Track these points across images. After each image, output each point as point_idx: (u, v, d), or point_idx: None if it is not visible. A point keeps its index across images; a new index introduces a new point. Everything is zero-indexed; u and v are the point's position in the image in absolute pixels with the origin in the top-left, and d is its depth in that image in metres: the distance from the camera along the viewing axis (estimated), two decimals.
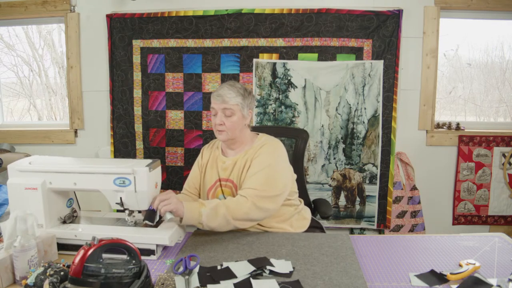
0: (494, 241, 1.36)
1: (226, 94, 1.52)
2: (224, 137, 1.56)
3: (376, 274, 1.16)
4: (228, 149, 1.64)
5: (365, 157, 2.58)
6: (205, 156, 1.69)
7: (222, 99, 1.52)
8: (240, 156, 1.58)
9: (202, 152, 1.72)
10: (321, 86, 2.56)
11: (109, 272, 0.94)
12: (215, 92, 1.55)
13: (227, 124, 1.53)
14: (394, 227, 2.66)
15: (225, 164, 1.60)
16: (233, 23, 2.54)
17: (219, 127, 1.54)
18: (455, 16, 2.64)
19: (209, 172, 1.64)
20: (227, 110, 1.52)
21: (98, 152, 2.78)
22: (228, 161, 1.60)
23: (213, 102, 1.55)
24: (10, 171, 1.32)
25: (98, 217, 1.46)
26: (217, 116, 1.54)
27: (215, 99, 1.54)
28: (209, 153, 1.68)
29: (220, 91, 1.53)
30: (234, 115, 1.53)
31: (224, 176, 1.59)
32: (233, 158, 1.60)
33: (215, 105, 1.54)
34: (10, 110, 3.16)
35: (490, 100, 2.88)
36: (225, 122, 1.52)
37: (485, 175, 2.65)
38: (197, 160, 1.72)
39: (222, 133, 1.55)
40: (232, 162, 1.58)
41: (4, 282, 1.07)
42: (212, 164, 1.65)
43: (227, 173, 1.58)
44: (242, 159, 1.57)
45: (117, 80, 2.68)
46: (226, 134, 1.54)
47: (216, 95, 1.53)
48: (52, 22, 2.89)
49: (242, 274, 1.12)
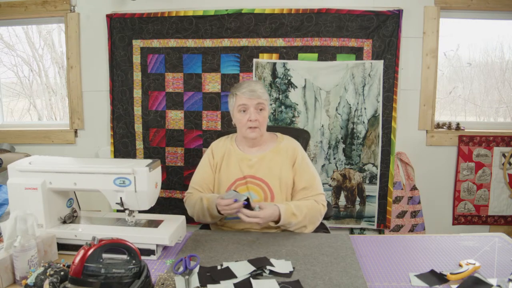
0: (494, 241, 1.36)
1: (258, 89, 1.52)
2: (257, 134, 1.54)
3: (376, 274, 1.16)
4: (249, 147, 1.62)
5: (365, 157, 2.58)
6: (217, 155, 1.65)
7: (256, 94, 1.51)
8: (267, 153, 1.58)
9: (212, 151, 1.68)
10: (321, 86, 2.56)
11: (109, 272, 0.94)
12: (243, 88, 1.53)
13: (260, 119, 1.52)
14: (394, 227, 2.66)
15: (252, 161, 1.58)
16: (233, 23, 2.54)
17: (253, 123, 1.52)
18: (455, 16, 2.64)
19: (227, 169, 1.61)
20: (260, 105, 1.52)
21: (98, 152, 2.78)
22: (254, 158, 1.58)
23: (244, 98, 1.52)
24: (10, 171, 1.32)
25: (98, 217, 1.46)
26: (249, 112, 1.52)
27: (247, 95, 1.51)
28: (222, 151, 1.65)
29: (251, 86, 1.52)
30: (265, 110, 1.55)
31: (250, 173, 1.57)
32: (259, 155, 1.59)
33: (248, 101, 1.51)
34: (10, 110, 3.16)
35: (490, 100, 2.88)
36: (258, 118, 1.52)
37: (485, 175, 2.65)
38: (207, 159, 1.67)
39: (255, 129, 1.53)
40: (259, 159, 1.58)
41: (4, 282, 1.07)
42: (230, 161, 1.61)
43: (253, 170, 1.57)
44: (269, 155, 1.58)
45: (117, 80, 2.68)
46: (259, 131, 1.54)
47: (248, 91, 1.51)
48: (52, 22, 2.89)
49: (242, 274, 1.12)
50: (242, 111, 1.54)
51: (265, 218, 1.39)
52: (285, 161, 1.58)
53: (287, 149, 1.60)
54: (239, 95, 1.53)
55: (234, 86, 1.61)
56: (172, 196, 2.74)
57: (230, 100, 1.61)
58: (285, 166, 1.57)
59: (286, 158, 1.58)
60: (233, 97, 1.58)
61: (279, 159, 1.57)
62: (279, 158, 1.58)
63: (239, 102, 1.53)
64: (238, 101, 1.54)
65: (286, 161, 1.58)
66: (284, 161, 1.58)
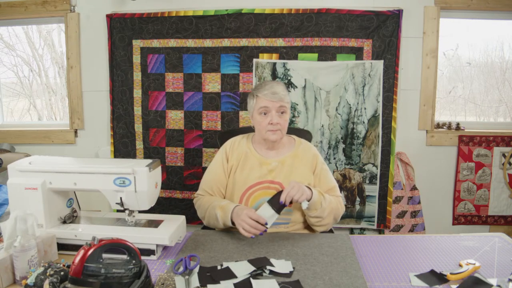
0: (494, 241, 1.36)
1: (280, 91, 1.47)
2: (278, 136, 1.50)
3: (376, 274, 1.16)
4: (267, 150, 1.58)
5: (365, 157, 2.58)
6: (233, 157, 1.59)
7: (278, 97, 1.46)
8: (286, 157, 1.56)
9: (226, 152, 1.61)
10: (321, 86, 2.56)
11: (109, 272, 0.94)
12: (265, 90, 1.48)
13: (281, 122, 1.48)
14: (394, 227, 2.66)
15: (271, 166, 1.54)
16: (233, 23, 2.54)
17: (274, 126, 1.48)
18: (455, 16, 2.64)
19: (244, 172, 1.55)
20: (281, 108, 1.48)
21: (98, 152, 2.78)
22: (273, 162, 1.54)
23: (266, 100, 1.47)
24: (10, 171, 1.32)
25: (98, 217, 1.46)
26: (270, 115, 1.48)
27: (269, 97, 1.46)
28: (239, 153, 1.59)
29: (273, 88, 1.47)
30: (286, 112, 1.50)
31: (270, 178, 1.52)
32: (279, 159, 1.55)
33: (270, 104, 1.47)
34: (10, 110, 3.16)
35: (490, 100, 2.88)
36: (280, 122, 1.48)
37: (485, 175, 2.65)
38: (220, 161, 1.60)
39: (276, 132, 1.49)
40: (279, 164, 1.54)
41: (4, 282, 1.07)
42: (248, 164, 1.55)
43: (273, 175, 1.53)
44: (289, 160, 1.55)
45: (117, 80, 2.68)
46: (280, 133, 1.50)
47: (270, 93, 1.46)
48: (52, 22, 2.89)
49: (242, 274, 1.12)
50: (263, 114, 1.49)
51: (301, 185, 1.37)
52: (305, 167, 1.56)
53: (306, 154, 1.58)
54: (261, 97, 1.48)
55: (255, 87, 1.55)
56: (172, 196, 2.74)
57: (250, 101, 1.55)
58: (305, 172, 1.55)
59: (307, 163, 1.57)
60: (253, 98, 1.53)
61: (298, 164, 1.55)
62: (299, 163, 1.56)
63: (261, 105, 1.48)
64: (259, 103, 1.49)
65: (307, 167, 1.56)
66: (304, 167, 1.56)
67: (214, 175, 1.60)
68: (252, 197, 1.52)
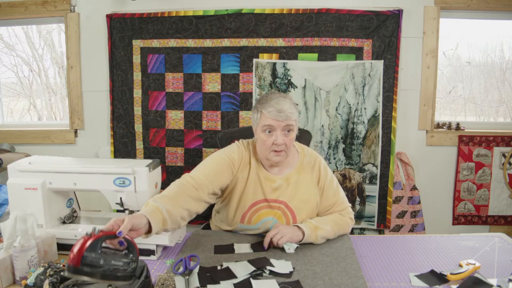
0: (494, 241, 1.36)
1: (288, 109, 1.33)
2: (282, 158, 1.38)
3: (376, 274, 1.16)
4: (271, 167, 1.46)
5: (365, 157, 2.58)
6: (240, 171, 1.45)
7: (285, 115, 1.32)
8: (292, 173, 1.46)
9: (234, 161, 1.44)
10: (321, 86, 2.56)
11: (108, 264, 0.93)
12: (270, 107, 1.33)
13: (287, 142, 1.35)
14: (394, 227, 2.66)
15: (276, 184, 1.44)
16: (233, 23, 2.54)
17: (279, 147, 1.35)
18: (455, 16, 2.64)
19: (245, 188, 1.44)
20: (287, 127, 1.35)
21: (98, 152, 2.78)
22: (278, 180, 1.44)
23: (271, 119, 1.33)
24: (10, 171, 1.32)
25: (98, 217, 1.46)
26: (275, 135, 1.34)
27: (274, 115, 1.32)
28: (244, 167, 1.46)
29: (280, 105, 1.32)
30: (293, 131, 1.37)
31: (273, 196, 1.43)
32: (283, 176, 1.45)
33: (275, 123, 1.33)
34: (10, 110, 3.15)
35: (490, 100, 2.88)
36: (285, 141, 1.35)
37: (485, 175, 2.65)
38: (226, 161, 1.43)
39: (280, 153, 1.37)
40: (283, 182, 1.44)
41: (4, 282, 1.07)
42: (250, 180, 1.44)
43: (277, 194, 1.44)
44: (294, 176, 1.46)
45: (117, 80, 2.68)
46: (284, 155, 1.38)
47: (276, 111, 1.31)
48: (52, 22, 2.89)
49: (242, 274, 1.11)
50: (267, 132, 1.36)
51: (282, 228, 1.32)
52: (310, 180, 1.48)
53: (310, 166, 1.49)
54: (265, 113, 1.34)
55: (259, 100, 1.41)
56: None
57: (254, 115, 1.42)
58: (311, 188, 1.47)
59: (311, 176, 1.48)
60: (257, 113, 1.39)
61: (304, 180, 1.47)
62: (304, 178, 1.47)
63: (265, 122, 1.35)
64: (263, 121, 1.35)
65: (311, 180, 1.48)
66: (310, 182, 1.48)
67: (219, 172, 1.40)
68: (255, 216, 1.44)
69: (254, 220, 1.45)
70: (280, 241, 1.29)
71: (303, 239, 1.33)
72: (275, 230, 1.32)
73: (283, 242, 1.30)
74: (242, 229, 1.48)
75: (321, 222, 1.40)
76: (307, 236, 1.33)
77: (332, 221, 1.42)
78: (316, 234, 1.34)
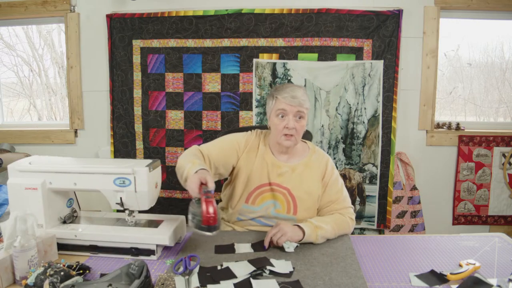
0: (494, 241, 1.36)
1: (301, 96, 1.43)
2: (292, 142, 1.47)
3: (376, 274, 1.16)
4: (281, 153, 1.54)
5: (365, 157, 2.58)
6: (251, 152, 1.54)
7: (298, 101, 1.42)
8: (298, 164, 1.53)
9: (247, 142, 1.56)
10: (321, 86, 2.56)
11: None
12: (285, 93, 1.44)
13: (297, 128, 1.45)
14: (394, 227, 2.66)
15: (282, 170, 1.51)
16: (233, 23, 2.54)
17: (290, 131, 1.44)
18: (455, 16, 2.64)
19: (252, 169, 1.52)
20: (299, 113, 1.44)
21: (98, 152, 2.78)
22: (285, 167, 1.52)
23: (284, 103, 1.43)
24: (10, 171, 1.32)
25: (98, 217, 1.46)
26: (287, 119, 1.44)
27: (289, 101, 1.42)
28: (254, 151, 1.55)
29: (294, 92, 1.43)
30: (304, 118, 1.47)
31: (278, 181, 1.50)
32: (290, 165, 1.52)
33: (288, 107, 1.43)
34: (10, 110, 3.16)
35: (490, 100, 2.88)
36: (296, 127, 1.44)
37: (485, 175, 2.65)
38: (234, 143, 1.54)
39: (291, 138, 1.45)
40: (289, 169, 1.52)
41: (4, 282, 1.07)
42: (258, 163, 1.52)
43: (282, 179, 1.51)
44: (300, 167, 1.52)
45: (117, 80, 2.68)
46: (294, 140, 1.46)
47: (290, 97, 1.42)
48: (52, 22, 2.89)
49: (242, 274, 1.12)
50: (280, 116, 1.46)
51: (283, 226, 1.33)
52: (315, 176, 1.53)
53: (318, 163, 1.55)
54: (280, 99, 1.45)
55: (275, 88, 1.51)
56: (172, 196, 2.74)
57: (269, 102, 1.52)
58: (315, 182, 1.53)
59: (317, 172, 1.54)
60: (272, 99, 1.49)
61: (309, 174, 1.52)
62: (310, 172, 1.53)
63: (279, 107, 1.45)
64: (278, 105, 1.46)
65: (317, 176, 1.53)
66: (314, 177, 1.53)
67: (223, 150, 1.52)
68: (259, 198, 1.51)
69: (257, 201, 1.51)
70: (280, 240, 1.30)
71: (303, 239, 1.34)
72: (275, 229, 1.33)
73: (283, 241, 1.30)
74: (245, 211, 1.52)
75: (321, 221, 1.41)
76: (307, 235, 1.34)
77: (332, 221, 1.43)
78: (316, 233, 1.35)
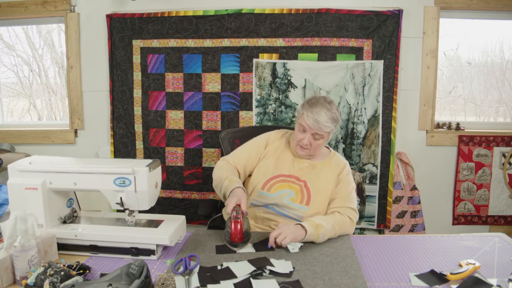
0: (494, 241, 1.36)
1: (324, 123, 1.49)
2: (305, 154, 1.58)
3: (376, 274, 1.16)
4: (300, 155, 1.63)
5: (365, 157, 2.58)
6: (273, 146, 1.67)
7: (318, 126, 1.49)
8: (318, 163, 1.61)
9: (268, 141, 1.68)
10: (321, 86, 2.56)
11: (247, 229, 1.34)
12: (311, 113, 1.50)
13: (313, 145, 1.54)
14: (394, 227, 2.66)
15: (302, 165, 1.61)
16: (233, 23, 2.54)
17: (304, 145, 1.54)
18: (455, 16, 2.64)
19: (277, 162, 1.62)
20: (318, 135, 1.53)
21: (98, 152, 2.78)
22: (305, 163, 1.61)
23: (306, 122, 1.51)
24: (10, 171, 1.32)
25: (98, 217, 1.46)
26: (305, 135, 1.53)
27: (310, 122, 1.49)
28: (277, 146, 1.66)
29: (319, 116, 1.49)
30: (322, 139, 1.55)
31: (297, 174, 1.59)
32: (311, 162, 1.61)
33: (308, 128, 1.51)
34: (10, 110, 3.16)
35: (490, 100, 2.88)
36: (311, 143, 1.54)
37: (485, 175, 2.65)
38: (256, 148, 1.67)
39: (304, 150, 1.56)
40: (309, 166, 1.61)
41: (4, 282, 1.07)
42: (281, 157, 1.63)
43: (301, 173, 1.59)
44: (320, 166, 1.61)
45: (117, 80, 2.68)
46: (308, 152, 1.57)
47: (313, 120, 1.49)
48: (52, 22, 2.89)
49: (242, 274, 1.12)
50: (301, 130, 1.55)
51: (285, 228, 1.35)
52: (332, 173, 1.61)
53: (336, 164, 1.63)
54: (304, 116, 1.52)
55: (309, 100, 1.57)
56: (172, 196, 2.74)
57: (299, 110, 1.60)
58: (330, 180, 1.59)
59: (335, 171, 1.61)
60: (301, 109, 1.57)
61: (327, 172, 1.60)
62: (328, 170, 1.61)
63: (301, 122, 1.54)
64: (301, 120, 1.54)
65: (333, 173, 1.61)
66: (332, 174, 1.60)
67: (247, 156, 1.65)
68: (275, 186, 1.57)
69: (273, 189, 1.57)
70: (284, 242, 1.31)
71: (305, 237, 1.35)
72: (278, 231, 1.33)
73: (287, 242, 1.31)
74: (260, 197, 1.57)
75: (322, 220, 1.42)
76: (309, 234, 1.34)
77: (333, 221, 1.44)
78: (317, 232, 1.36)
